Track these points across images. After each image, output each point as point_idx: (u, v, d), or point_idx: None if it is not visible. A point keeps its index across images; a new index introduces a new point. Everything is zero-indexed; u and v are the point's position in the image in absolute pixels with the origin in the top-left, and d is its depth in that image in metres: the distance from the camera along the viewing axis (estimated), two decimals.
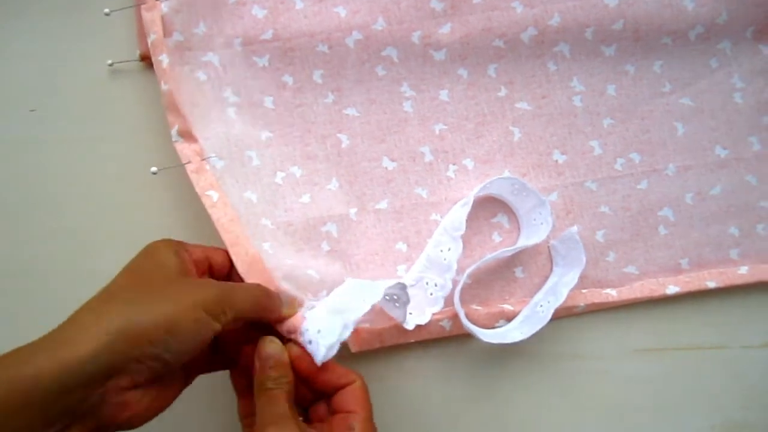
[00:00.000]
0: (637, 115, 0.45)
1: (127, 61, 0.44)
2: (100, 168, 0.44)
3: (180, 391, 0.34)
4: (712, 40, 0.45)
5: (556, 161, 0.45)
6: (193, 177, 0.38)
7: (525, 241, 0.43)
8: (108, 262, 0.33)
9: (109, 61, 0.44)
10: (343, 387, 0.36)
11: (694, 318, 0.46)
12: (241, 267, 0.36)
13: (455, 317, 0.42)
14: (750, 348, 0.46)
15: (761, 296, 0.46)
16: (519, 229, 0.45)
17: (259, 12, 0.42)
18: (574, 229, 0.43)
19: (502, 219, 0.45)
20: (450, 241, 0.42)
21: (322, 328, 0.35)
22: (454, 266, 0.42)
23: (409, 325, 0.41)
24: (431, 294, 0.42)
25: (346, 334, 0.34)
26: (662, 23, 0.44)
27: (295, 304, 0.37)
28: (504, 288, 0.44)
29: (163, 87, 0.39)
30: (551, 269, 0.44)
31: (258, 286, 0.35)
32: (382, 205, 0.43)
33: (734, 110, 0.46)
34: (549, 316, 0.42)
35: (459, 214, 0.43)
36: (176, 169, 0.40)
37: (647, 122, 0.45)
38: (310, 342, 0.34)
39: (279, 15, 0.42)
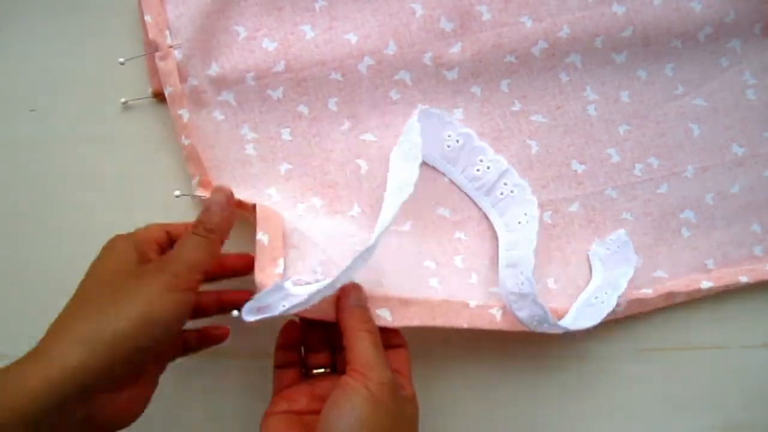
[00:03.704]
0: (652, 120, 0.45)
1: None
2: (100, 168, 0.44)
3: (157, 379, 0.34)
4: (721, 40, 0.45)
5: (575, 171, 0.45)
6: None
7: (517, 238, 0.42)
8: None
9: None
10: (392, 347, 0.37)
11: (694, 318, 0.46)
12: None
13: (506, 308, 0.41)
14: (750, 348, 0.46)
15: (761, 296, 0.46)
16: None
17: (269, 45, 0.42)
18: (623, 231, 0.44)
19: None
20: None
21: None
22: None
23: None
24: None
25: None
26: (671, 27, 0.44)
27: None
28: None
29: (185, 141, 0.41)
30: (590, 275, 0.44)
31: (195, 226, 0.34)
32: (406, 227, 0.43)
33: (748, 107, 0.46)
34: (613, 302, 0.41)
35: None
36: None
37: (663, 126, 0.45)
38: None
39: (290, 46, 0.42)
